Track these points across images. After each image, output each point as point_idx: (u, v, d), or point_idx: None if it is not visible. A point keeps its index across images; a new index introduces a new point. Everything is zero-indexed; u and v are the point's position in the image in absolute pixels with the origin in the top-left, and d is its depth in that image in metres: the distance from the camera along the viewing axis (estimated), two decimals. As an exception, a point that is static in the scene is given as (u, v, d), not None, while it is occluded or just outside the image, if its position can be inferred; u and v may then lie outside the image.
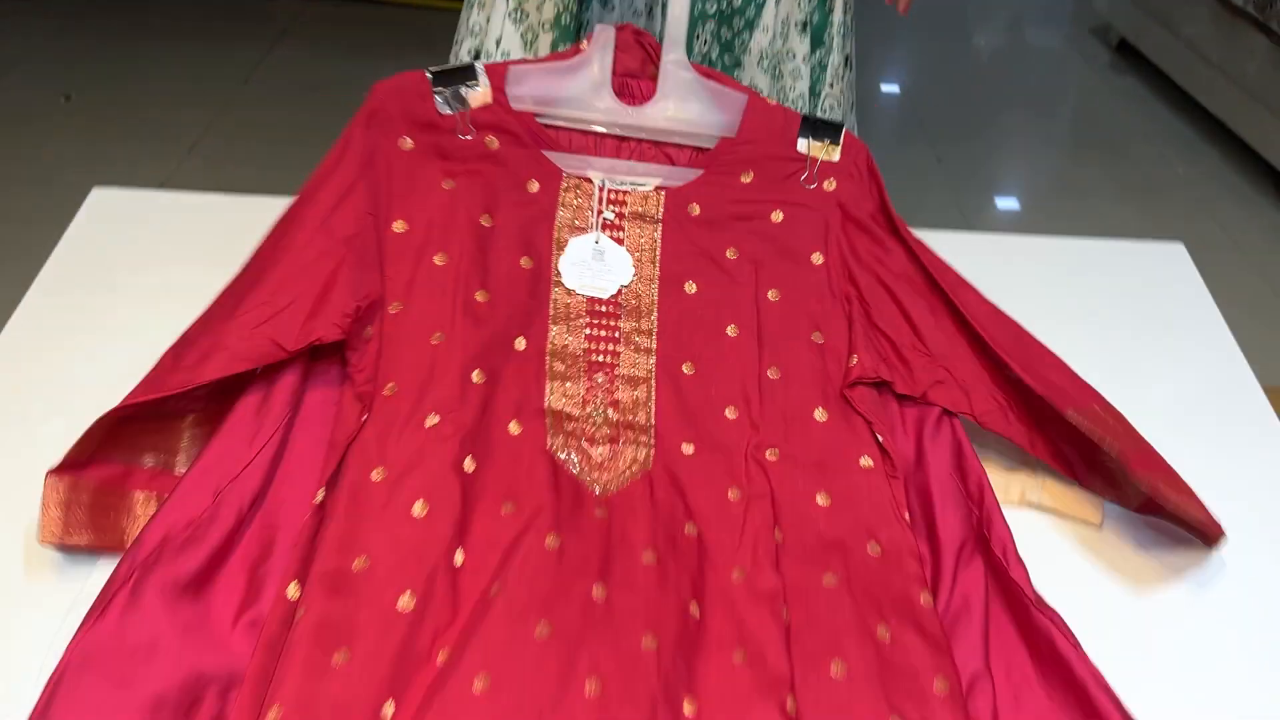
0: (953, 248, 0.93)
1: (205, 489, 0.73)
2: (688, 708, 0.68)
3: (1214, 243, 2.56)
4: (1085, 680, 0.70)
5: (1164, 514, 0.81)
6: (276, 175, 2.36)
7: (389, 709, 0.65)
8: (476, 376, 0.81)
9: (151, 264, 1.04)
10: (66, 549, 0.76)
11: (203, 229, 1.07)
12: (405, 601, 0.70)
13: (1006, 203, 2.75)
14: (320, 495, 0.75)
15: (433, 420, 0.79)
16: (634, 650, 0.69)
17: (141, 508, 0.77)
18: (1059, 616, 0.74)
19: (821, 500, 0.80)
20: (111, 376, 0.81)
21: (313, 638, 0.67)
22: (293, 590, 0.70)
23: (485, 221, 0.86)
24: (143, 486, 0.77)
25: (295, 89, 2.92)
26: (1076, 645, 0.72)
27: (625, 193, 0.89)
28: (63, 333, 0.96)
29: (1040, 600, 0.74)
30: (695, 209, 0.89)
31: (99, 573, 0.74)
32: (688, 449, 0.82)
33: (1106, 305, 1.08)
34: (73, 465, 0.74)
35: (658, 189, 0.89)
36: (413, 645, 0.68)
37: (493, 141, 0.87)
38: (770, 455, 0.82)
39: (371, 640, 0.68)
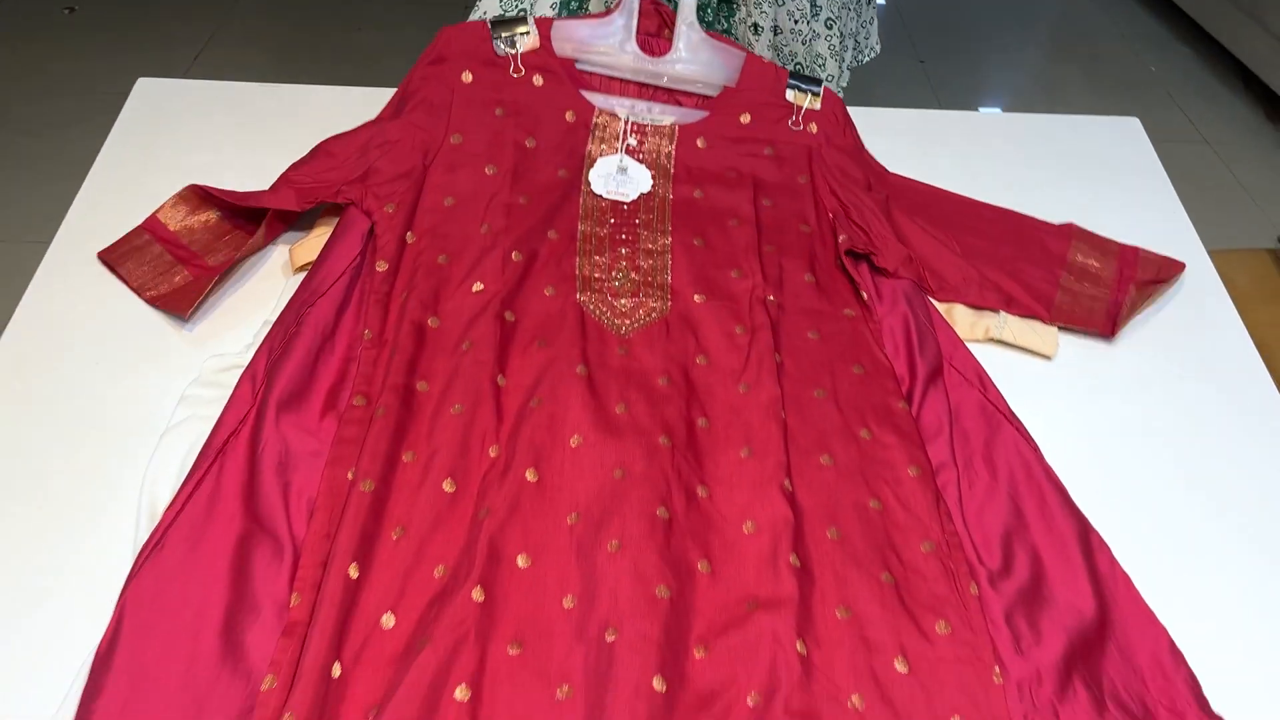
0: (924, 124, 1.06)
1: (292, 311, 0.89)
2: (701, 491, 0.82)
3: (1184, 135, 2.68)
4: (1031, 465, 0.85)
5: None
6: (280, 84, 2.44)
7: (449, 486, 0.80)
8: (515, 256, 0.96)
9: (199, 146, 1.15)
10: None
11: (242, 114, 1.19)
12: (457, 410, 0.84)
13: (988, 104, 2.85)
14: (367, 333, 0.89)
15: (478, 286, 0.93)
16: (653, 447, 0.83)
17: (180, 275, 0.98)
18: (1024, 430, 0.88)
19: (813, 336, 0.95)
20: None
21: (390, 436, 0.81)
22: (359, 400, 0.85)
23: (529, 143, 1.04)
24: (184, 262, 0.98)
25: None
26: (1035, 452, 0.86)
27: (646, 126, 1.06)
28: (124, 212, 1.07)
29: (1010, 413, 0.89)
30: (702, 141, 1.06)
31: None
32: (699, 299, 0.96)
33: (1066, 174, 1.20)
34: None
35: (672, 125, 1.06)
36: (467, 444, 0.82)
37: (538, 79, 1.05)
38: (770, 301, 0.96)
39: (433, 439, 0.82)
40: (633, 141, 1.05)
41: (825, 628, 0.75)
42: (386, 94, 1.09)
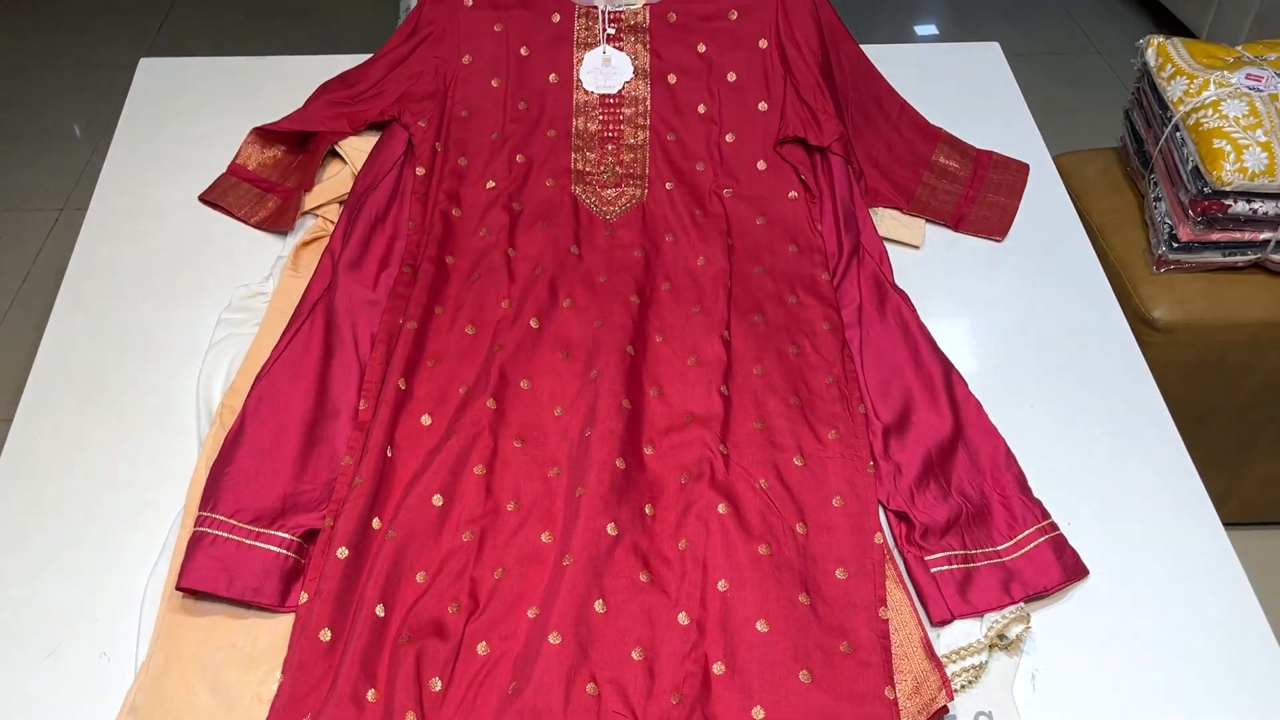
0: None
1: (354, 201, 1.17)
2: (658, 337, 1.10)
3: (1081, 48, 2.93)
4: (910, 323, 1.10)
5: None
6: (240, 48, 2.61)
7: (470, 330, 1.08)
8: (519, 158, 1.22)
9: (205, 116, 1.38)
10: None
11: (242, 87, 1.43)
12: (476, 277, 1.13)
13: (924, 28, 3.08)
14: (411, 224, 1.16)
15: (491, 184, 1.21)
16: (626, 304, 1.11)
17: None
18: (906, 297, 1.13)
19: (760, 221, 1.20)
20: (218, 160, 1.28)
21: (428, 294, 1.10)
22: (406, 269, 1.12)
23: (524, 51, 1.27)
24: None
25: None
26: (913, 312, 1.11)
27: (621, 12, 1.27)
28: (145, 179, 1.31)
29: (894, 283, 1.14)
30: (672, 16, 1.27)
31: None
32: (670, 186, 1.22)
33: (938, 97, 1.43)
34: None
35: (645, 5, 1.27)
36: (484, 300, 1.11)
37: None
38: (727, 193, 1.22)
39: (459, 297, 1.11)
40: (611, 30, 1.26)
41: (743, 435, 1.02)
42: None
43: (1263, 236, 1.33)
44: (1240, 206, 1.29)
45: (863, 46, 1.35)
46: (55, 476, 1.00)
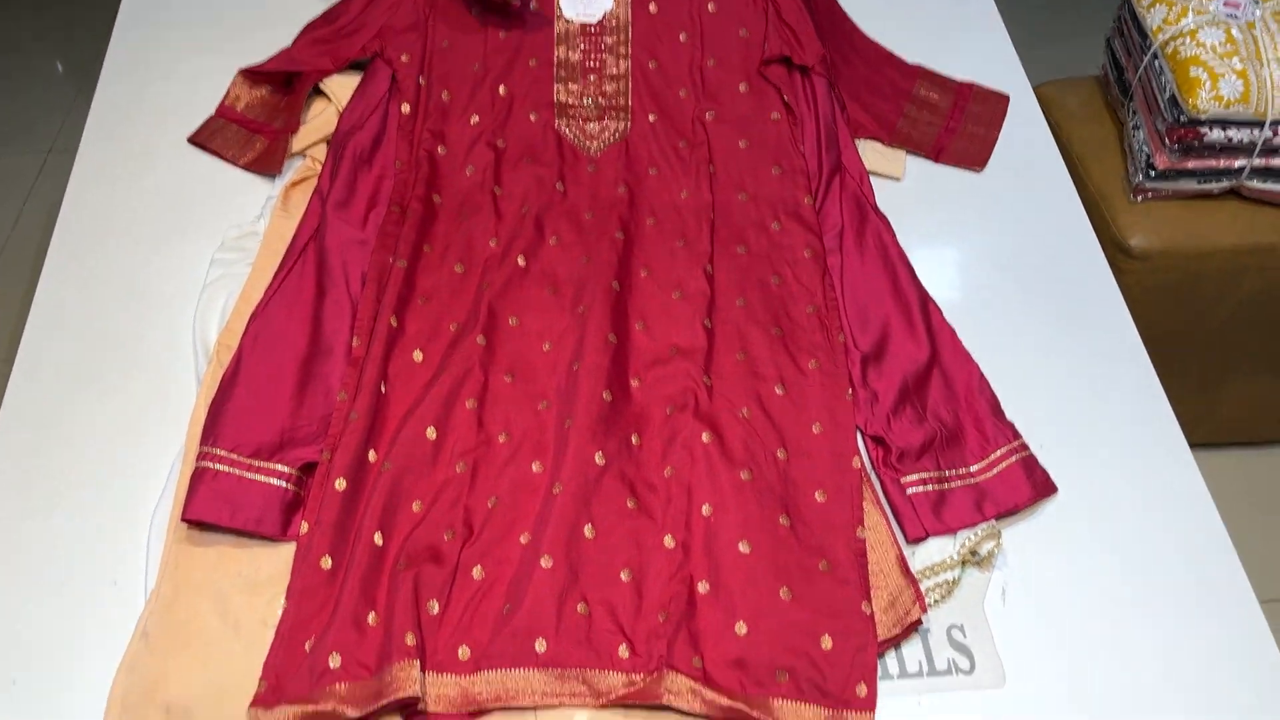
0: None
1: (338, 142, 1.17)
2: (643, 272, 1.12)
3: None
4: (889, 248, 1.13)
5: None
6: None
7: (459, 268, 1.10)
8: (503, 90, 1.22)
9: (190, 53, 1.39)
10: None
11: (229, 24, 1.43)
12: (464, 215, 1.14)
13: None
14: (398, 163, 1.17)
15: (475, 119, 1.21)
16: (611, 240, 1.13)
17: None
18: (886, 220, 1.15)
19: (742, 144, 1.21)
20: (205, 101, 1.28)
21: (417, 232, 1.11)
22: (395, 208, 1.13)
23: None
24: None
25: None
26: (893, 236, 1.14)
27: None
28: (133, 119, 1.32)
29: (875, 205, 1.16)
30: None
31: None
32: (653, 118, 1.23)
33: (919, 25, 1.43)
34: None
35: None
36: (472, 238, 1.12)
37: None
38: (709, 116, 1.23)
39: (447, 236, 1.13)
40: None
41: (726, 366, 1.04)
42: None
43: (1238, 164, 1.35)
44: (1215, 134, 1.31)
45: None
46: (59, 416, 1.03)
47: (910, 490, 0.97)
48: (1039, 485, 0.98)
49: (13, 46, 2.59)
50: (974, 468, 0.99)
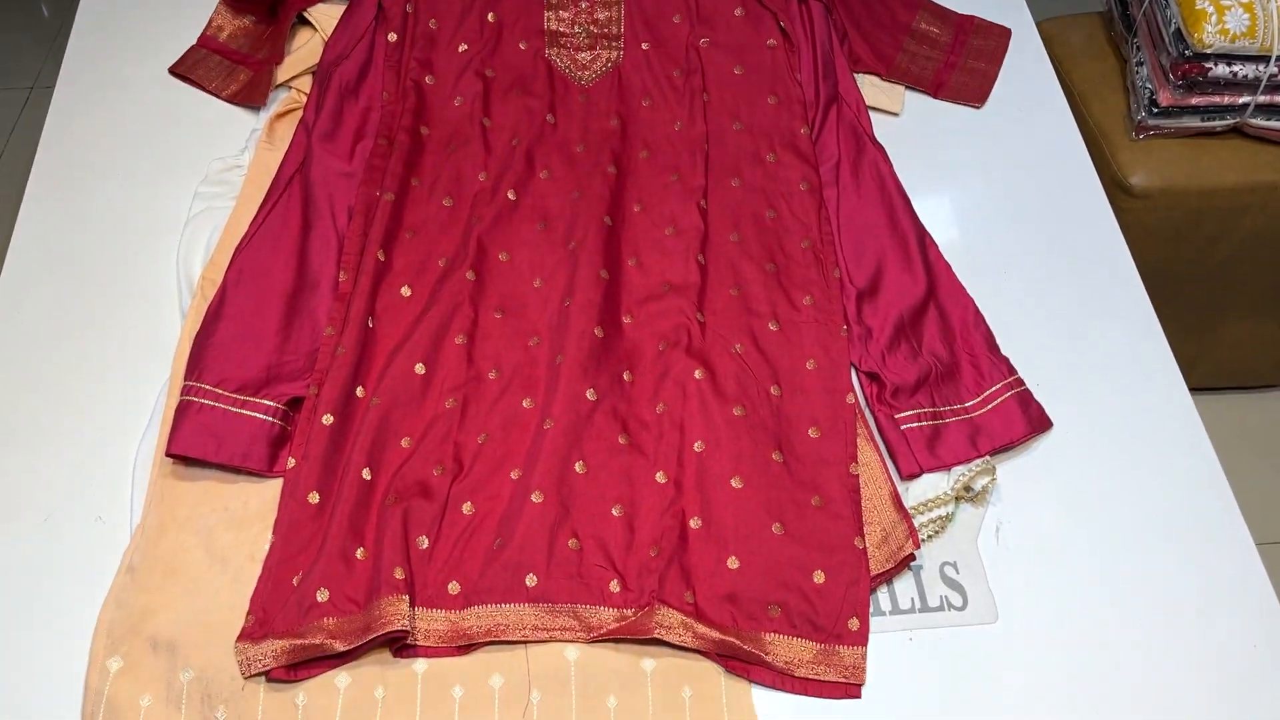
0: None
1: (323, 71, 1.14)
2: (636, 206, 1.10)
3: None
4: (886, 180, 1.10)
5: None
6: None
7: (448, 202, 1.08)
8: (491, 18, 1.19)
9: None
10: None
11: None
12: (452, 148, 1.11)
13: None
14: (385, 94, 1.14)
15: (463, 48, 1.17)
16: (604, 174, 1.10)
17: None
18: (884, 151, 1.13)
19: (738, 70, 1.18)
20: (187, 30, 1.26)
21: (404, 165, 1.09)
22: (382, 141, 1.10)
23: None
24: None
25: None
26: (890, 168, 1.11)
27: None
28: (112, 54, 1.28)
29: (873, 135, 1.14)
30: None
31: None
32: (645, 46, 1.19)
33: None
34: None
35: None
36: (461, 171, 1.10)
37: None
38: (703, 43, 1.19)
39: (435, 168, 1.10)
40: None
41: (720, 302, 1.03)
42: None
43: (1242, 100, 1.32)
44: (1220, 69, 1.28)
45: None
46: (42, 351, 1.01)
47: (904, 426, 0.96)
48: (1034, 421, 0.97)
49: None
50: (969, 404, 0.97)
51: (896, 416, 0.96)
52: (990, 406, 0.97)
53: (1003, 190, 1.19)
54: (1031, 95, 1.28)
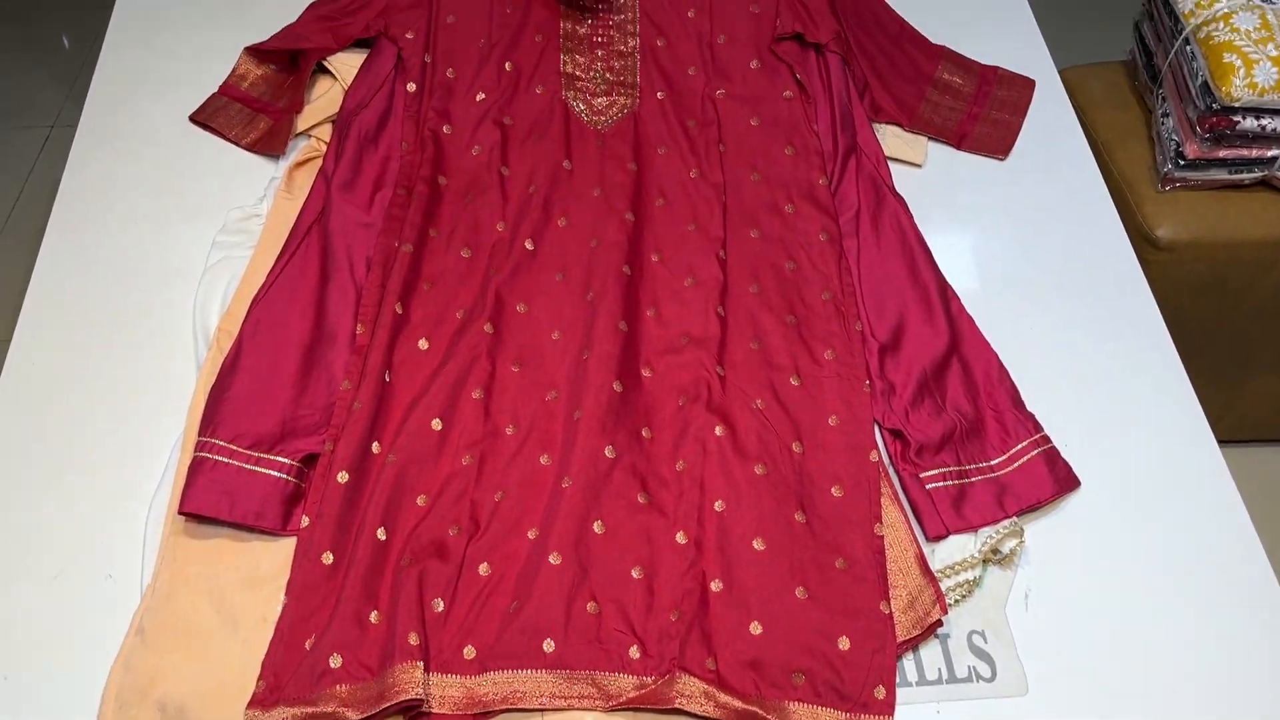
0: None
1: (343, 122, 1.14)
2: (654, 256, 1.08)
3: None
4: (907, 232, 1.09)
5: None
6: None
7: (466, 252, 1.07)
8: (509, 66, 1.19)
9: (191, 31, 1.35)
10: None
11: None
12: (470, 198, 1.11)
13: None
14: (405, 144, 1.14)
15: (480, 96, 1.17)
16: (621, 221, 1.09)
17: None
18: (904, 203, 1.12)
19: (754, 122, 1.18)
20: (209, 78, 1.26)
21: (422, 215, 1.08)
22: (401, 190, 1.10)
23: None
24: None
25: None
26: (911, 219, 1.10)
27: None
28: (132, 92, 1.29)
29: (893, 186, 1.13)
30: None
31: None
32: (661, 95, 1.19)
33: (943, 6, 1.39)
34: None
35: None
36: (479, 221, 1.09)
37: None
38: (719, 94, 1.19)
39: (453, 219, 1.09)
40: None
41: (739, 355, 1.01)
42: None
43: (1270, 153, 1.31)
44: (1249, 123, 1.27)
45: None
46: (55, 400, 1.00)
47: (930, 485, 0.94)
48: (1062, 480, 0.94)
49: (17, 18, 2.56)
50: (995, 461, 0.95)
51: (921, 475, 0.94)
52: (1016, 465, 0.95)
53: (1026, 241, 1.17)
54: (1055, 145, 1.27)
